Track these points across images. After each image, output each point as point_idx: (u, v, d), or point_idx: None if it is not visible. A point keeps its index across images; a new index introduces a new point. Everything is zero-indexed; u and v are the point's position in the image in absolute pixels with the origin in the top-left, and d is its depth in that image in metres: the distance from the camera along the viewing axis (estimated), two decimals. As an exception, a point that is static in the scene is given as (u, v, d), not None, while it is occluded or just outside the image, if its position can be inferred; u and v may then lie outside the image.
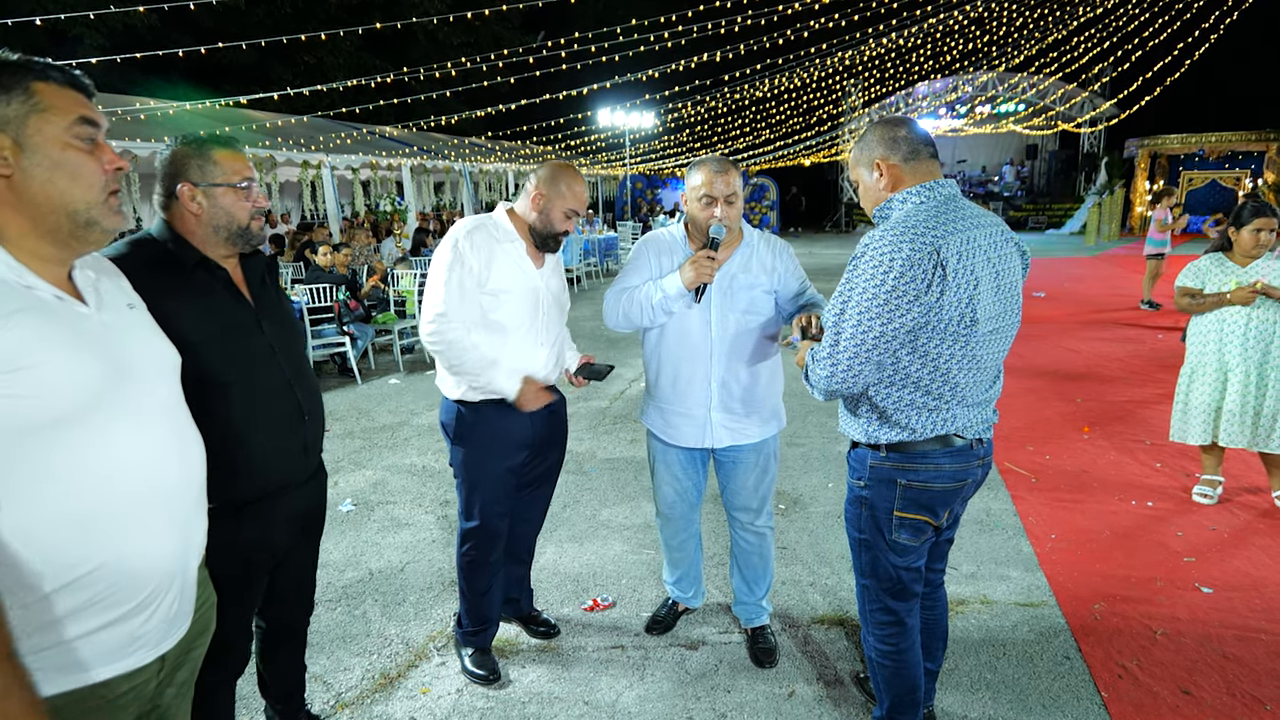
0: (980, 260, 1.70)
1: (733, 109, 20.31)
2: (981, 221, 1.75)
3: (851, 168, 1.92)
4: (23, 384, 1.07)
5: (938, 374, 1.74)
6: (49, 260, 1.18)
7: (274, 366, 1.79)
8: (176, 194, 1.68)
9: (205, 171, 1.67)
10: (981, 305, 1.70)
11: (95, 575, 1.15)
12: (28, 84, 1.12)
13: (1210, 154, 21.87)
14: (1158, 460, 4.53)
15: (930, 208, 1.72)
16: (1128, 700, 2.45)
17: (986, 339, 1.75)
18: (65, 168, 1.15)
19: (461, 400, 2.45)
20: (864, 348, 1.71)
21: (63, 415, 1.11)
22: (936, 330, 1.69)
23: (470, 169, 16.21)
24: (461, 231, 2.36)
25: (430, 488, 4.37)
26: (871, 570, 1.94)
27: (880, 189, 1.81)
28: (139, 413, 1.23)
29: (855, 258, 1.73)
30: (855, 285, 1.70)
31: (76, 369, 1.13)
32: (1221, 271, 3.76)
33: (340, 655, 2.77)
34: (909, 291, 1.65)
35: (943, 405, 1.77)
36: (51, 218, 1.15)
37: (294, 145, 11.27)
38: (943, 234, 1.66)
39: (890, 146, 1.79)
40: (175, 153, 1.68)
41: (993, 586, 3.16)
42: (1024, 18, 15.56)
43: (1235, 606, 2.98)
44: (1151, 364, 6.79)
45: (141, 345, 1.30)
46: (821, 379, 1.79)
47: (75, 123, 1.16)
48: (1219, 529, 3.64)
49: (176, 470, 1.29)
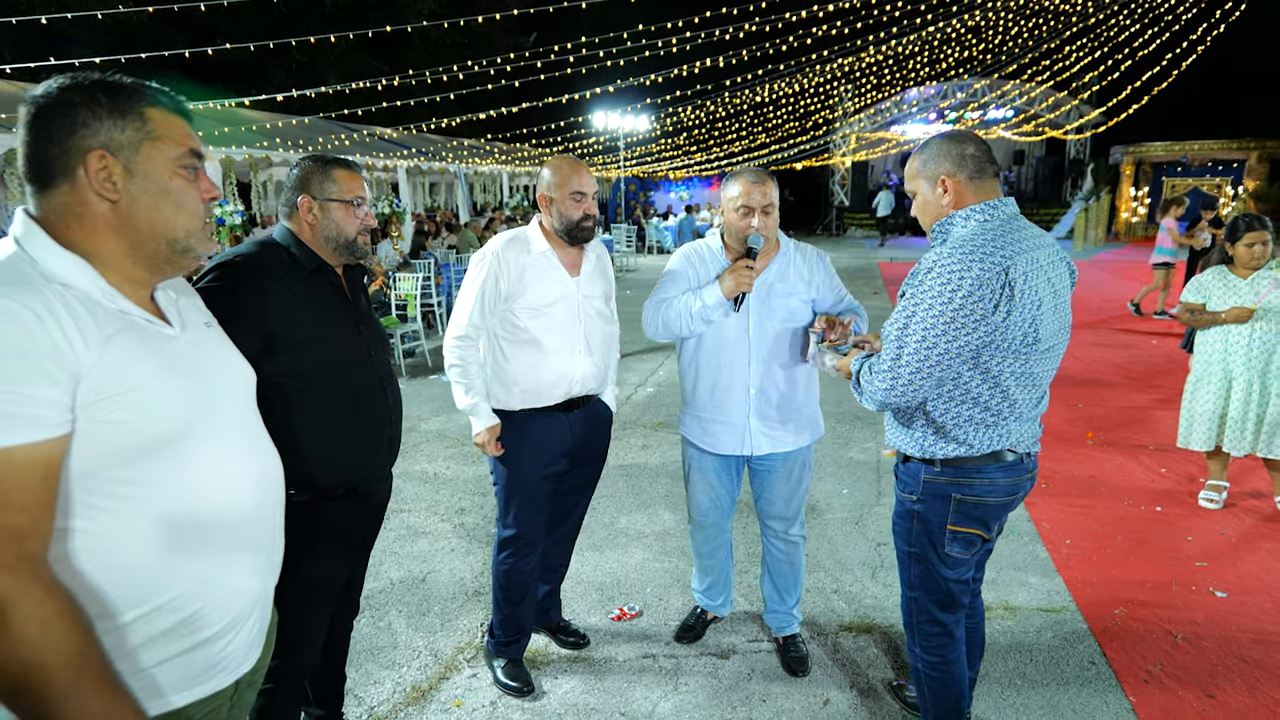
0: (1042, 281, 1.73)
1: (730, 113, 20.40)
2: (1041, 242, 1.78)
3: (910, 179, 1.93)
4: (126, 408, 1.07)
5: (997, 390, 1.77)
6: (138, 283, 1.18)
7: (369, 368, 1.94)
8: (298, 204, 1.86)
9: (324, 187, 1.87)
10: (1043, 324, 1.73)
11: (180, 601, 1.15)
12: (141, 109, 1.12)
13: (1193, 162, 22.18)
14: (1162, 465, 4.61)
15: (994, 227, 1.74)
16: (1155, 705, 2.49)
17: (1044, 357, 1.78)
18: (171, 196, 1.15)
19: (502, 410, 2.47)
20: (927, 363, 1.73)
21: (158, 439, 1.11)
22: (1000, 349, 1.72)
23: (465, 170, 16.16)
24: (498, 245, 2.44)
25: (444, 495, 4.36)
26: (922, 583, 1.97)
27: (943, 204, 1.83)
28: (224, 435, 1.23)
29: (920, 273, 1.75)
30: (921, 301, 1.72)
31: (172, 392, 1.13)
32: (1224, 286, 3.86)
33: (369, 668, 2.76)
34: (976, 311, 1.67)
35: (1000, 421, 1.80)
36: (151, 244, 1.16)
37: (291, 146, 11.19)
38: (1010, 254, 1.68)
39: (958, 163, 1.80)
40: (304, 168, 1.88)
41: (1014, 593, 3.21)
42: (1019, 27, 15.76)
43: (1249, 610, 3.04)
44: (1149, 370, 6.89)
45: (221, 365, 1.30)
46: (880, 391, 1.81)
47: (185, 154, 1.17)
48: (1227, 533, 3.71)
49: (258, 492, 1.29)
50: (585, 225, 2.43)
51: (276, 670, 1.93)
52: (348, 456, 1.90)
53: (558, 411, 2.49)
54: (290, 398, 1.78)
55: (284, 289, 1.79)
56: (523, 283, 2.39)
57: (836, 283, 2.59)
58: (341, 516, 1.94)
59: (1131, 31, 14.52)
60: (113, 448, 1.06)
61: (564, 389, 2.48)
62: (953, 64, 18.74)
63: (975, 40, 16.66)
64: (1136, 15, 14.06)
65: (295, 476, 1.80)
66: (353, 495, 1.95)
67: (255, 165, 10.70)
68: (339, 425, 1.87)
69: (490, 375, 2.49)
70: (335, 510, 1.92)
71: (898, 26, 14.72)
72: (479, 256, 2.44)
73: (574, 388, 2.49)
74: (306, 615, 1.94)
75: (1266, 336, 3.77)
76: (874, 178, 28.81)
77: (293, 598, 1.89)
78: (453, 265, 10.37)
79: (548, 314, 2.42)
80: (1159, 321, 9.05)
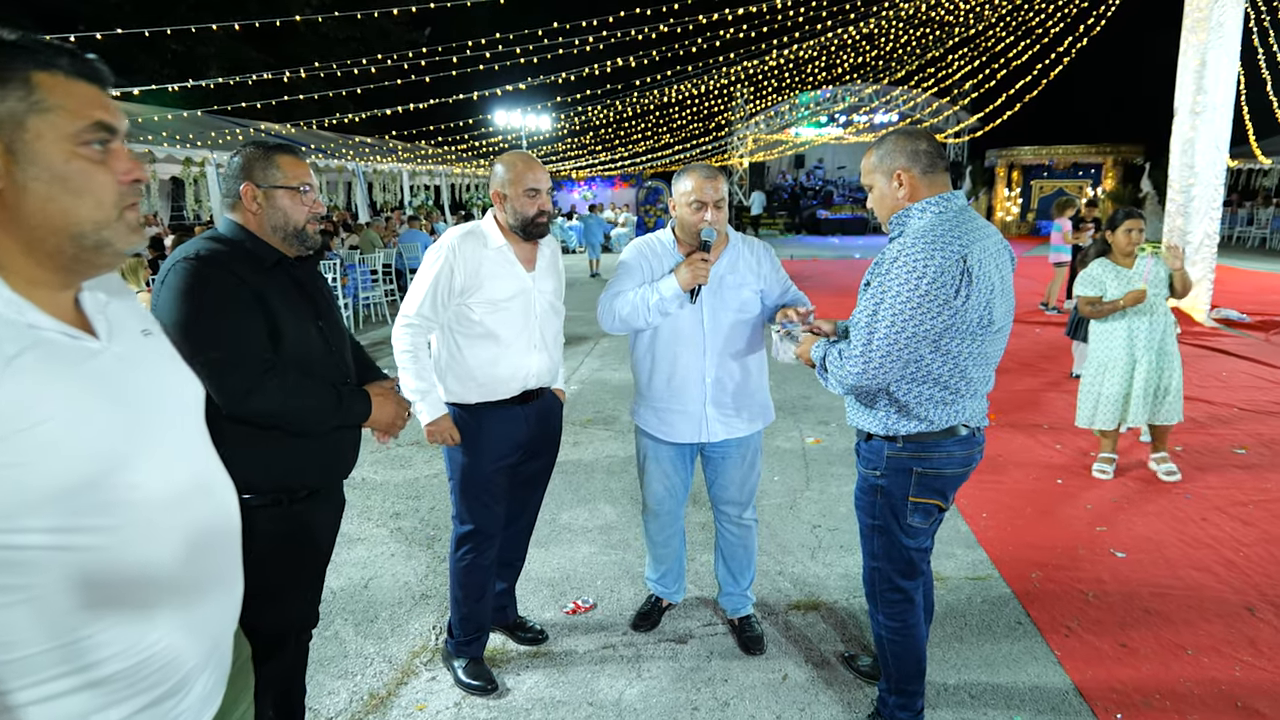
0: (992, 267, 1.87)
1: (636, 114, 20.58)
2: (988, 231, 1.93)
3: (867, 174, 2.04)
4: (25, 449, 0.85)
5: (956, 370, 1.90)
6: (52, 287, 0.96)
7: (333, 363, 1.88)
8: (241, 193, 1.77)
9: (268, 174, 1.78)
10: (995, 307, 1.87)
11: (121, 663, 0.95)
12: (27, 74, 0.89)
13: (1058, 165, 24.18)
14: (1057, 442, 5.01)
15: (949, 218, 1.87)
16: (1077, 655, 2.73)
17: (995, 337, 1.93)
18: (70, 182, 0.92)
19: (459, 404, 2.45)
20: (896, 347, 1.84)
21: (69, 484, 0.89)
22: (959, 331, 1.85)
23: (364, 169, 15.59)
24: (455, 238, 2.40)
25: (376, 500, 4.23)
26: (885, 553, 2.09)
27: (899, 198, 1.95)
28: (161, 469, 1.00)
29: (885, 264, 1.86)
30: (889, 289, 1.83)
31: (88, 424, 0.92)
32: (1115, 276, 4.29)
33: (321, 679, 2.66)
34: (939, 296, 1.79)
35: (957, 399, 1.94)
36: (51, 241, 0.93)
37: (176, 141, 10.47)
38: (966, 243, 1.81)
39: (912, 159, 1.92)
40: (244, 155, 1.77)
41: (943, 564, 3.42)
42: (908, 35, 16.71)
43: (1145, 567, 3.36)
44: (1037, 356, 7.46)
45: (158, 383, 1.07)
46: (852, 375, 1.91)
47: (88, 128, 0.93)
48: (1119, 500, 4.08)
49: (207, 522, 1.08)
50: (540, 221, 2.43)
51: None
52: (319, 455, 1.85)
53: (513, 404, 2.49)
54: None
55: (250, 284, 1.71)
56: (479, 277, 2.37)
57: (782, 273, 2.69)
58: (309, 519, 1.88)
59: (1006, 43, 15.69)
60: (17, 498, 0.85)
61: (520, 383, 2.48)
62: (847, 69, 19.64)
63: (868, 47, 17.55)
64: (1011, 28, 15.20)
65: (264, 479, 1.74)
66: (317, 496, 1.89)
67: (135, 161, 9.91)
68: None
69: (444, 369, 2.46)
70: (303, 512, 1.85)
71: (800, 31, 15.31)
72: (435, 248, 2.40)
73: (529, 381, 2.50)
74: (279, 624, 1.87)
75: (1156, 319, 4.25)
76: (770, 178, 29.78)
77: (265, 608, 1.83)
78: (358, 266, 10.04)
79: (505, 309, 2.41)
80: (1047, 314, 9.77)
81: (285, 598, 1.88)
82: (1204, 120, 8.75)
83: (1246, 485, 4.22)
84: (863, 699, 2.51)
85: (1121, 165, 23.28)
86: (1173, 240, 8.87)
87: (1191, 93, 8.82)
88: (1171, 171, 9.16)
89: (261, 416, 1.68)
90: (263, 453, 1.73)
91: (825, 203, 27.96)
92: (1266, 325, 8.66)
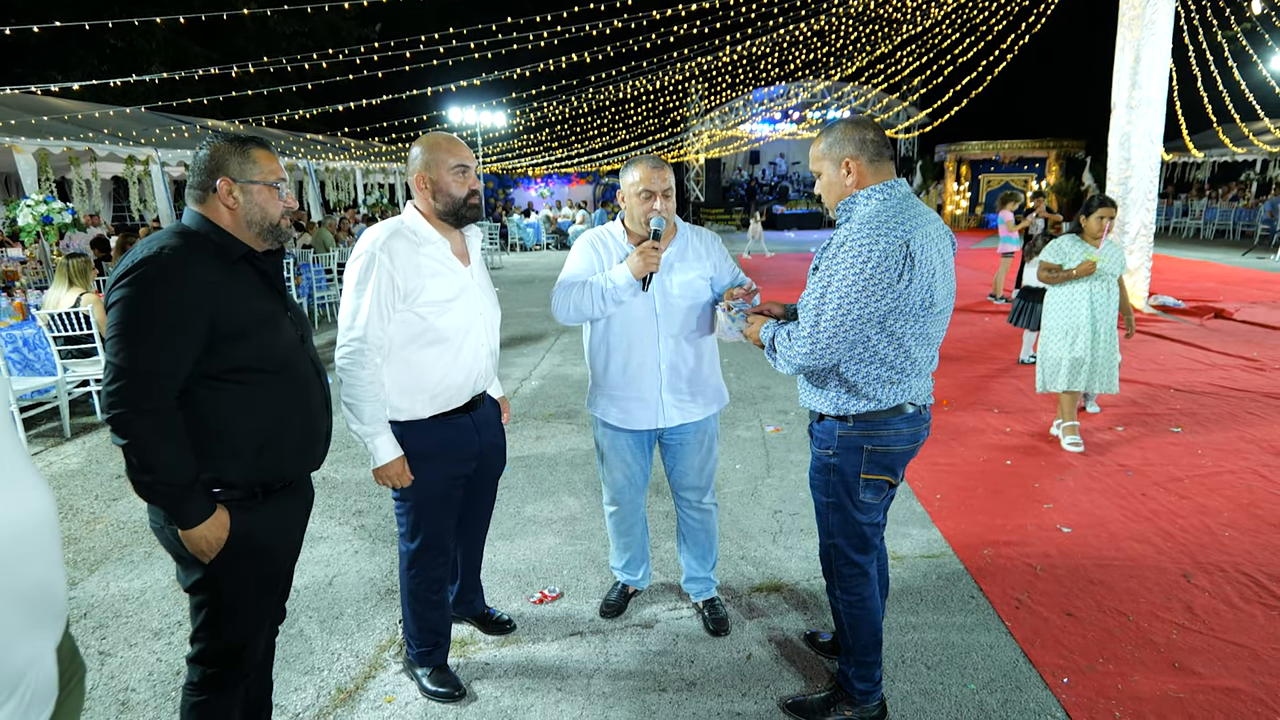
0: (934, 251, 1.95)
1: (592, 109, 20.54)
2: (930, 217, 2.01)
3: (815, 161, 2.10)
4: None
5: (901, 350, 1.98)
6: None
7: (303, 356, 1.88)
8: (215, 188, 1.76)
9: (245, 169, 1.77)
10: (937, 290, 1.95)
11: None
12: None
13: (1004, 159, 24.86)
14: (1006, 425, 5.18)
15: (894, 205, 1.95)
16: (1026, 626, 2.85)
17: (937, 319, 2.01)
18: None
19: (411, 420, 2.30)
20: (842, 328, 1.91)
21: None
22: (903, 313, 1.93)
23: (316, 166, 15.29)
24: (377, 243, 2.17)
25: (338, 499, 4.19)
26: (840, 530, 2.16)
27: (847, 184, 2.01)
28: None
29: (833, 248, 1.93)
30: (836, 272, 1.89)
31: None
32: (1082, 250, 4.60)
33: (287, 675, 2.64)
34: (884, 279, 1.86)
35: (903, 378, 2.01)
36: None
37: (118, 139, 10.14)
38: (910, 229, 1.89)
39: (859, 147, 1.99)
40: (216, 149, 1.75)
41: (899, 543, 3.52)
42: (859, 32, 17.00)
43: (1090, 541, 3.52)
44: (984, 344, 7.70)
45: None
46: (800, 355, 1.97)
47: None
48: (1065, 479, 4.25)
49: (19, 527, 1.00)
50: (472, 203, 2.30)
51: (215, 678, 1.84)
52: (291, 448, 1.85)
53: (462, 414, 2.38)
54: (234, 392, 1.71)
55: (216, 279, 1.69)
56: (420, 278, 2.19)
57: (729, 260, 2.75)
58: (282, 512, 1.88)
59: (953, 39, 16.08)
60: None
61: (471, 388, 2.37)
62: (799, 65, 19.89)
63: (819, 43, 17.80)
64: (957, 25, 15.58)
65: (238, 474, 1.74)
66: (288, 489, 1.89)
67: (76, 159, 9.60)
68: (284, 416, 1.81)
69: (392, 387, 2.26)
70: (275, 506, 1.85)
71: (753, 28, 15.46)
72: (360, 256, 2.17)
73: (479, 384, 2.40)
74: (252, 619, 1.86)
75: (1112, 292, 4.59)
76: (726, 174, 30.02)
77: (238, 601, 1.83)
78: (312, 266, 9.87)
79: (450, 310, 2.25)
80: (996, 304, 10.09)
81: (259, 594, 1.88)
82: (1139, 114, 9.10)
83: (1182, 462, 4.44)
84: (824, 673, 2.59)
85: (1064, 160, 24.06)
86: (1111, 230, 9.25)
87: (1127, 88, 9.17)
88: (1110, 164, 9.51)
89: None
90: (229, 451, 1.73)
91: (781, 198, 28.31)
92: (1201, 311, 9.06)
